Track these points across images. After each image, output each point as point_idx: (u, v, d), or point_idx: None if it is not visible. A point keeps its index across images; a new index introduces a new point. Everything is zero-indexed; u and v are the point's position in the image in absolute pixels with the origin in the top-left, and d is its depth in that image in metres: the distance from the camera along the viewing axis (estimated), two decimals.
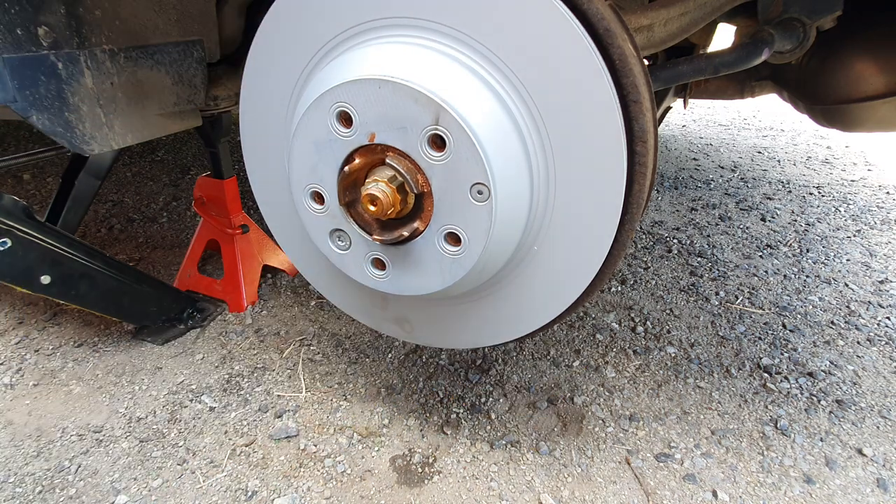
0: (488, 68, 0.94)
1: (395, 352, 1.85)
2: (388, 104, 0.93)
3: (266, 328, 1.97)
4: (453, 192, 0.96)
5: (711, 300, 2.16)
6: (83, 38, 1.26)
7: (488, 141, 0.91)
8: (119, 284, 1.71)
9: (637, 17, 1.29)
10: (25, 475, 1.39)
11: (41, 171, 3.39)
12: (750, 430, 1.55)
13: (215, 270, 2.29)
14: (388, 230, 1.05)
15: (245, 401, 1.64)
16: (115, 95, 1.35)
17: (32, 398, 1.64)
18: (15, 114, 1.22)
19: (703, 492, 1.37)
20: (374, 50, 0.98)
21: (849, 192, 3.31)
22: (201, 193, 2.08)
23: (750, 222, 2.89)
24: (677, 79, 1.49)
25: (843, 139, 4.29)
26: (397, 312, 1.33)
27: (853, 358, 1.85)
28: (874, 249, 2.59)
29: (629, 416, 1.59)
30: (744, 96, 2.25)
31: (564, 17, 0.88)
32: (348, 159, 1.02)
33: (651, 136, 0.96)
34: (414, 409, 1.62)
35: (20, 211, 1.49)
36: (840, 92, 1.75)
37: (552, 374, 1.76)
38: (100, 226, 2.74)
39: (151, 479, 1.38)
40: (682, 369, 1.78)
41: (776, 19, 1.48)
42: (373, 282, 1.12)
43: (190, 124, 1.61)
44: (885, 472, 1.43)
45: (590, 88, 0.90)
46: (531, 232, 1.05)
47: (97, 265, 1.64)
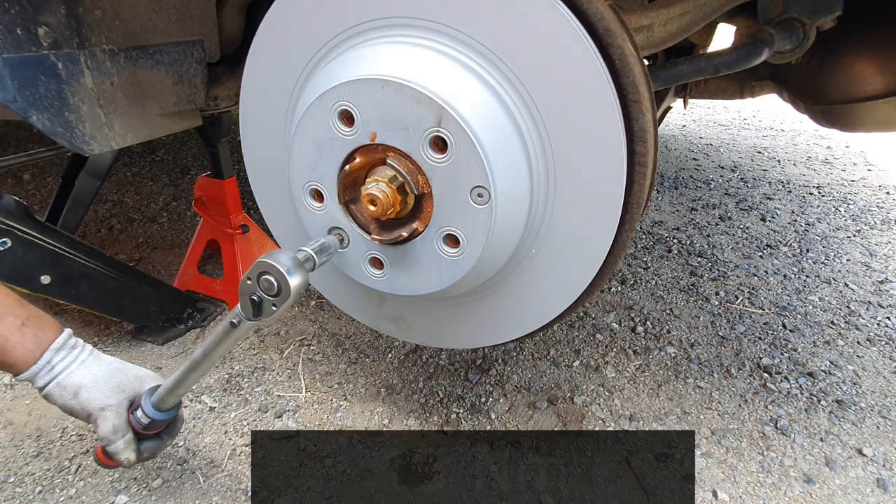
0: (489, 68, 0.94)
1: (395, 352, 1.85)
2: (390, 104, 0.93)
3: (266, 328, 1.97)
4: (453, 194, 0.96)
5: (711, 300, 2.16)
6: (83, 38, 1.26)
7: (489, 143, 0.91)
8: (119, 284, 1.71)
9: (637, 17, 1.29)
10: (25, 475, 1.40)
11: (41, 171, 3.39)
12: (750, 430, 1.55)
13: (215, 270, 2.29)
14: (387, 230, 1.05)
15: (245, 401, 1.64)
16: (115, 95, 1.35)
17: (32, 398, 1.64)
18: (15, 114, 1.22)
19: (703, 492, 1.37)
20: (377, 50, 0.98)
21: (849, 192, 3.31)
22: (201, 193, 2.08)
23: (750, 222, 2.89)
24: (677, 79, 1.49)
25: (843, 139, 4.29)
26: (394, 311, 1.33)
27: (853, 358, 1.85)
28: (874, 249, 2.59)
29: (629, 416, 1.59)
30: (744, 96, 2.24)
31: (564, 17, 0.88)
32: (349, 158, 1.02)
33: (651, 136, 0.96)
34: (414, 409, 1.62)
35: (20, 211, 1.49)
36: (840, 92, 1.75)
37: (552, 374, 1.76)
38: (100, 226, 2.74)
39: (151, 479, 1.38)
40: (682, 369, 1.78)
41: (776, 19, 1.48)
42: (370, 281, 1.12)
43: (190, 124, 1.61)
44: (885, 472, 1.43)
45: (590, 88, 0.90)
46: (531, 233, 1.05)
47: (97, 265, 1.64)
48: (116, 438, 1.09)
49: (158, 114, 1.47)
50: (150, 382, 1.17)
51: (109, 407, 1.08)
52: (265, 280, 0.94)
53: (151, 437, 1.17)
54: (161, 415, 1.13)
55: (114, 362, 1.14)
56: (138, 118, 1.43)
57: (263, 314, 0.97)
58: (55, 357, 1.06)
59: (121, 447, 1.11)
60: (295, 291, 0.93)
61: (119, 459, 1.12)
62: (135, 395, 1.14)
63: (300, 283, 0.94)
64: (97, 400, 1.08)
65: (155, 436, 1.17)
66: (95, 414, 1.08)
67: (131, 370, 1.16)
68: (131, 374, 1.15)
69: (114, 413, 1.09)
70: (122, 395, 1.11)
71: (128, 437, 1.11)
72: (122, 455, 1.12)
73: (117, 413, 1.09)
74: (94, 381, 1.08)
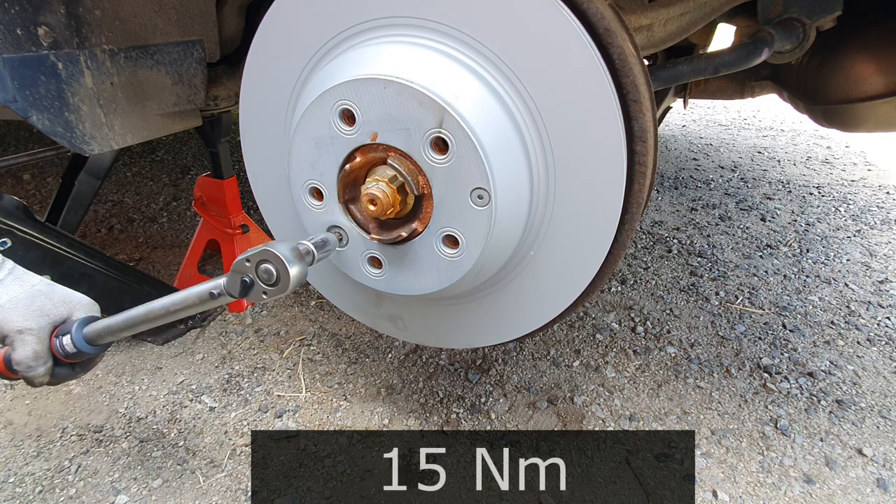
0: (489, 69, 0.94)
1: (395, 352, 1.85)
2: (392, 104, 0.93)
3: (266, 328, 1.97)
4: (453, 195, 0.96)
5: (711, 300, 2.16)
6: (83, 38, 1.26)
7: (490, 145, 0.91)
8: (119, 284, 1.71)
9: (637, 17, 1.29)
10: (25, 475, 1.40)
11: (41, 171, 3.39)
12: (750, 430, 1.55)
13: (215, 270, 2.29)
14: (387, 230, 1.05)
15: (245, 401, 1.64)
16: (115, 95, 1.35)
17: (32, 398, 1.64)
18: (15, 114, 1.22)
19: (703, 492, 1.37)
20: (378, 49, 0.98)
21: (849, 192, 3.31)
22: (201, 193, 2.08)
23: (750, 222, 2.89)
24: (677, 79, 1.49)
25: (843, 139, 4.29)
26: (392, 311, 1.33)
27: (853, 358, 1.85)
28: (874, 249, 2.59)
29: (629, 416, 1.59)
30: (744, 96, 2.25)
31: (565, 17, 0.88)
32: (349, 157, 1.02)
33: (651, 136, 0.96)
34: (414, 409, 1.62)
35: (20, 211, 1.49)
36: (840, 92, 1.75)
37: (552, 374, 1.76)
38: (100, 226, 2.74)
39: (151, 479, 1.38)
40: (682, 369, 1.78)
41: (776, 19, 1.48)
42: (369, 280, 1.12)
43: (190, 124, 1.61)
44: (885, 472, 1.43)
45: (590, 88, 0.90)
46: (530, 234, 1.05)
47: (97, 265, 1.64)
48: (37, 365, 1.03)
49: (158, 114, 1.47)
50: (82, 311, 1.09)
51: (29, 331, 1.01)
52: (265, 268, 0.92)
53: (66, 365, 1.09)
54: (90, 349, 1.06)
55: (38, 284, 1.06)
56: (138, 118, 1.43)
57: (250, 297, 0.95)
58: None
59: (40, 373, 1.04)
60: (293, 283, 0.92)
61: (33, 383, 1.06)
62: (60, 321, 1.07)
63: (299, 274, 0.92)
64: (14, 322, 1.01)
65: (69, 365, 1.10)
66: (12, 336, 1.01)
67: (58, 293, 1.08)
68: (57, 298, 1.07)
69: (34, 338, 1.02)
70: (45, 320, 1.04)
71: (49, 365, 1.05)
72: (37, 380, 1.05)
73: (38, 338, 1.03)
74: (12, 302, 1.01)
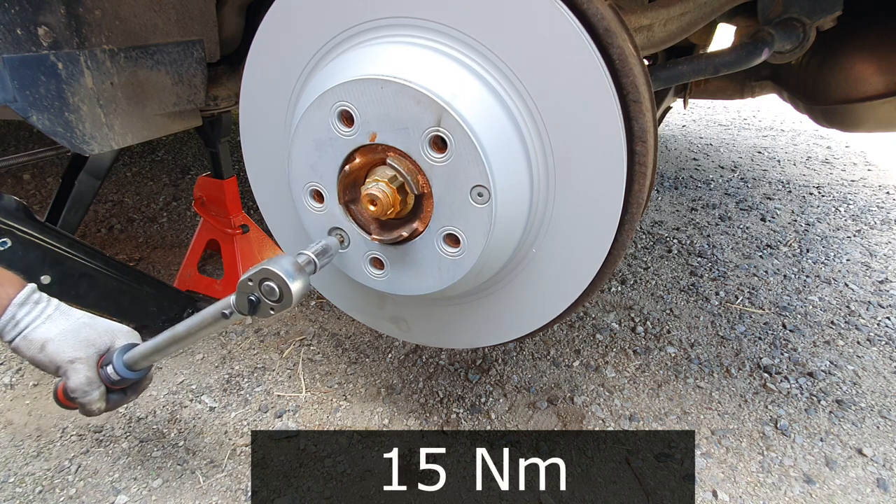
0: (488, 68, 0.94)
1: (395, 352, 1.85)
2: (390, 104, 0.93)
3: (266, 328, 1.97)
4: (453, 193, 0.96)
5: (711, 300, 2.16)
6: (83, 38, 1.26)
7: (489, 143, 0.91)
8: (119, 284, 1.71)
9: (637, 17, 1.29)
10: (25, 475, 1.40)
11: (41, 171, 3.39)
12: (750, 430, 1.55)
13: (215, 270, 2.29)
14: (388, 230, 1.05)
15: (245, 401, 1.64)
16: (115, 95, 1.35)
17: (32, 398, 1.64)
18: (15, 114, 1.22)
19: (703, 492, 1.37)
20: (376, 50, 0.99)
21: (849, 192, 3.31)
22: (201, 193, 2.08)
23: (750, 222, 2.89)
24: (677, 79, 1.49)
25: (843, 139, 4.29)
26: (394, 311, 1.33)
27: (853, 358, 1.85)
28: (874, 249, 2.59)
29: (629, 416, 1.59)
30: (744, 96, 2.25)
31: (564, 17, 0.88)
32: (349, 158, 1.02)
33: (651, 136, 0.96)
34: (414, 409, 1.62)
35: (20, 211, 1.49)
36: (840, 92, 1.75)
37: (552, 374, 1.76)
38: (100, 226, 2.74)
39: (151, 479, 1.38)
40: (682, 369, 1.78)
41: (776, 19, 1.48)
42: (370, 281, 1.12)
43: (190, 124, 1.61)
44: (885, 472, 1.43)
45: (590, 88, 0.90)
46: (531, 232, 1.05)
47: (97, 265, 1.64)
48: (91, 389, 1.13)
49: (158, 114, 1.47)
50: (123, 338, 1.19)
51: (79, 360, 1.11)
52: (267, 286, 0.95)
53: (117, 391, 1.20)
54: (131, 374, 1.16)
55: (83, 317, 1.16)
56: (138, 118, 1.43)
57: (258, 314, 0.99)
58: (18, 312, 1.09)
59: (95, 398, 1.14)
60: (296, 298, 0.95)
61: (91, 409, 1.16)
62: (104, 349, 1.16)
63: (302, 289, 0.96)
64: (65, 353, 1.10)
65: (120, 390, 1.20)
66: (65, 367, 1.11)
67: (101, 324, 1.18)
68: (100, 328, 1.17)
69: (84, 365, 1.12)
70: (92, 349, 1.13)
71: (102, 390, 1.15)
72: (94, 405, 1.15)
73: (88, 365, 1.12)
74: (61, 335, 1.11)
